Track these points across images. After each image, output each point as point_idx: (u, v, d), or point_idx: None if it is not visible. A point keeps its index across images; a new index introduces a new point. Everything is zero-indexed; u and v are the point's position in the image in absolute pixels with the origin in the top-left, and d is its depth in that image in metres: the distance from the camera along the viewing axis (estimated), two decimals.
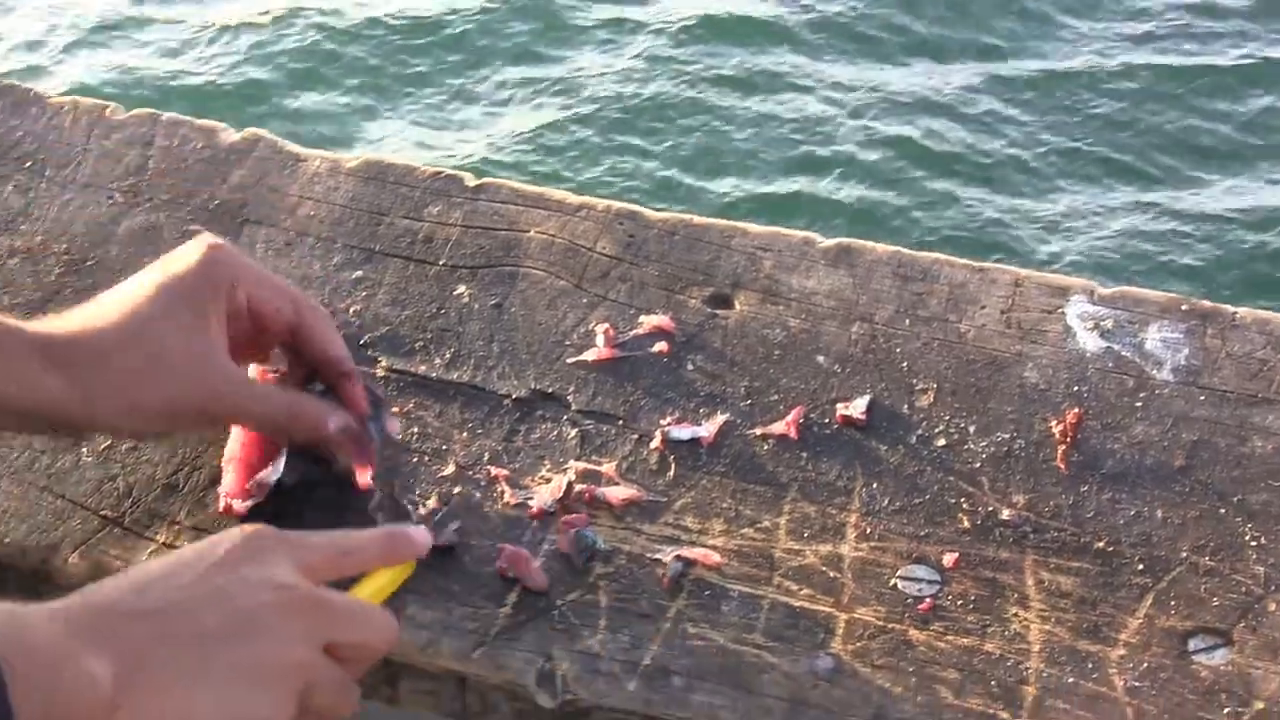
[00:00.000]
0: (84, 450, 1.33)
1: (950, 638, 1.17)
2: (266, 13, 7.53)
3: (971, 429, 1.32)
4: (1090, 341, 1.38)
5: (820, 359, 1.38)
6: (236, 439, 1.30)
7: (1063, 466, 1.29)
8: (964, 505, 1.26)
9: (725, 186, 6.37)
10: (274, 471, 1.26)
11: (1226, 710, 1.12)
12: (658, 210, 1.53)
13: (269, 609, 1.03)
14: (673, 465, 1.30)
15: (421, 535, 1.18)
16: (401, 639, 1.17)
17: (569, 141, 6.69)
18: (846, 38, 7.34)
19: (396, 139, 6.68)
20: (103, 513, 1.28)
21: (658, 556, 1.23)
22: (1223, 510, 1.25)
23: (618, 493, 1.27)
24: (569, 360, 1.39)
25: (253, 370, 1.34)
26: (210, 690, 0.99)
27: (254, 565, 1.04)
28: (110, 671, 0.95)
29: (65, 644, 0.94)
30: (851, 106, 6.84)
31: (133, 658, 0.97)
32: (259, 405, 1.24)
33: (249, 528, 1.07)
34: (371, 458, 1.26)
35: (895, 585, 1.21)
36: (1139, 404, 1.34)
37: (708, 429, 1.32)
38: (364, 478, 1.26)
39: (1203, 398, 1.34)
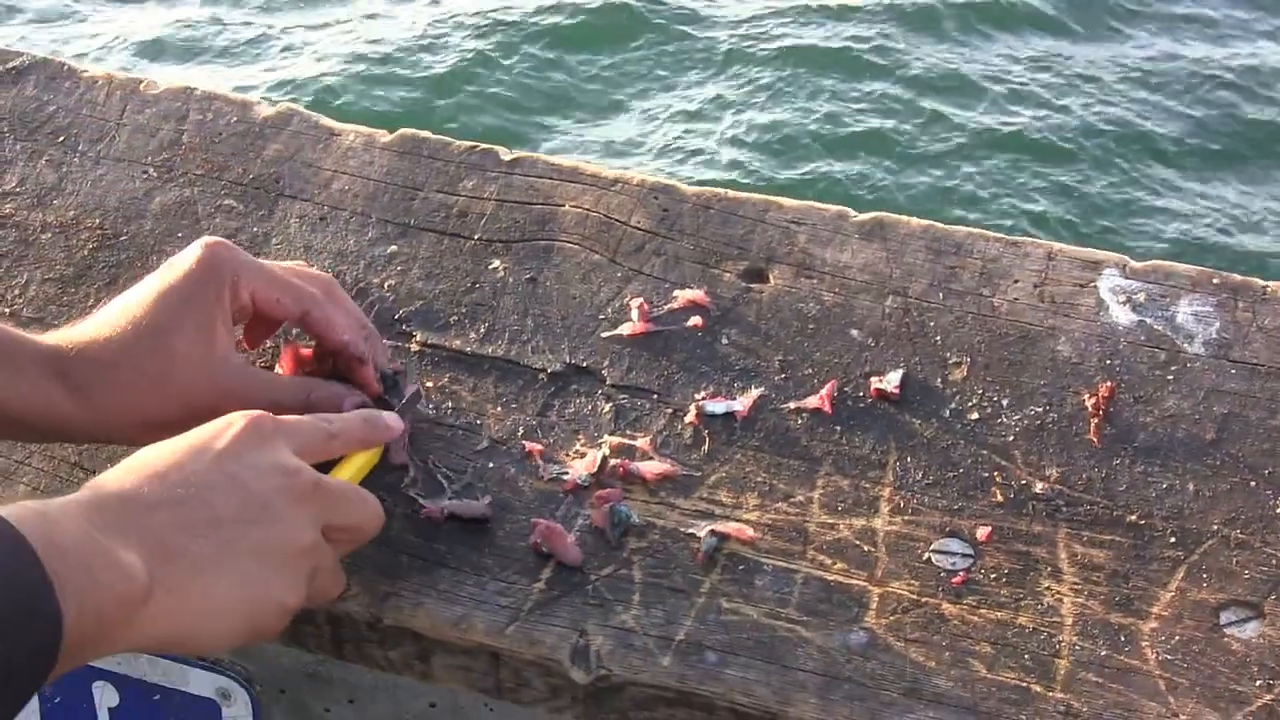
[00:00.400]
0: None
1: (983, 611, 1.18)
2: (338, 8, 7.59)
3: (1004, 402, 1.32)
4: (1122, 315, 1.38)
5: (854, 333, 1.39)
6: None
7: (1095, 440, 1.29)
8: (997, 479, 1.27)
9: (776, 161, 6.38)
10: None
11: (1258, 683, 1.12)
12: (693, 184, 1.53)
13: (279, 495, 1.08)
14: (707, 439, 1.31)
15: (395, 420, 1.24)
16: (434, 614, 1.18)
17: (622, 123, 6.72)
18: (908, 16, 7.37)
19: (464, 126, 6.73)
20: None
21: (692, 531, 1.23)
22: (1253, 483, 1.26)
23: (652, 467, 1.28)
24: (603, 334, 1.39)
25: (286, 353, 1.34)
26: (232, 575, 1.04)
27: (259, 451, 1.09)
28: (141, 563, 0.98)
29: (97, 539, 0.97)
30: (908, 84, 6.85)
31: (159, 548, 1.00)
32: (273, 395, 1.25)
33: (249, 414, 1.12)
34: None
35: (929, 559, 1.21)
36: (1170, 377, 1.34)
37: (742, 403, 1.33)
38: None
39: (1233, 371, 1.34)
